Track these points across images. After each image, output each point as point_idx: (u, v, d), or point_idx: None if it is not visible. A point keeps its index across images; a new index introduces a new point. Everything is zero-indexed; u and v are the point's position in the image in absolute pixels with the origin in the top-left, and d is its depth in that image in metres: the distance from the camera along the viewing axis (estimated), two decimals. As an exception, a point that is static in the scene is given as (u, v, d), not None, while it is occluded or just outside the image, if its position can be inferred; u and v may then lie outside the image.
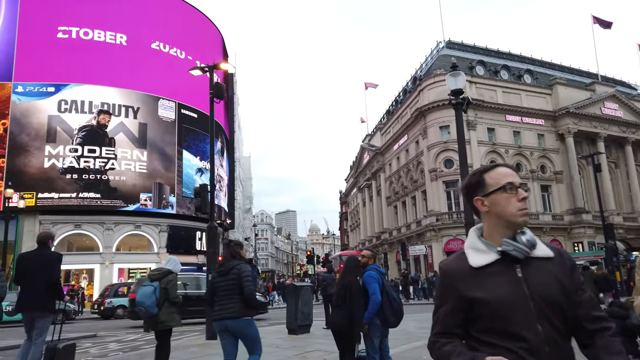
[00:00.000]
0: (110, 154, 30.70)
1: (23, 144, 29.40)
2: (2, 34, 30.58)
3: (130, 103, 32.08)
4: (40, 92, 30.17)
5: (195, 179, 34.61)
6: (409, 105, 42.56)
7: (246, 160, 69.84)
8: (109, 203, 30.29)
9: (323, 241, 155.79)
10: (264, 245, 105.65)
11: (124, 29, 32.95)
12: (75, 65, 30.98)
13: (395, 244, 44.57)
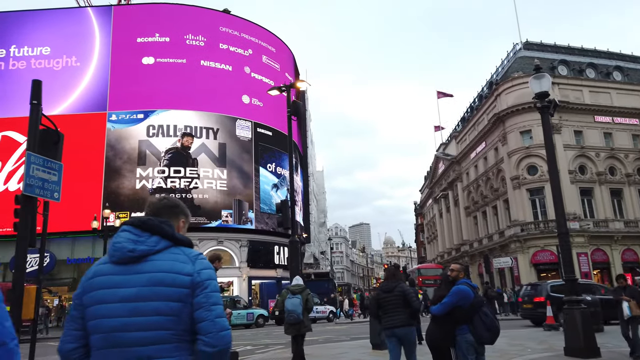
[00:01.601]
0: (193, 173, 32.46)
1: (117, 168, 31.97)
2: (97, 69, 33.66)
3: (210, 125, 33.82)
4: (131, 119, 32.72)
5: (271, 195, 35.60)
6: (486, 111, 40.93)
7: (319, 174, 70.71)
8: (193, 220, 31.89)
9: (399, 254, 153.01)
10: (339, 258, 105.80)
11: (201, 54, 34.95)
12: (160, 93, 33.31)
13: (476, 256, 42.67)
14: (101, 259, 1.90)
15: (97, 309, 1.76)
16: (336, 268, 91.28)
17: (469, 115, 49.44)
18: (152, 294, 1.73)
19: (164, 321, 1.72)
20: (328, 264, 63.77)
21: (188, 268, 1.79)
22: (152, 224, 1.85)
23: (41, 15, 35.05)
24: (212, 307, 1.75)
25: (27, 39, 34.21)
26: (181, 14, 35.64)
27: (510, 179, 35.62)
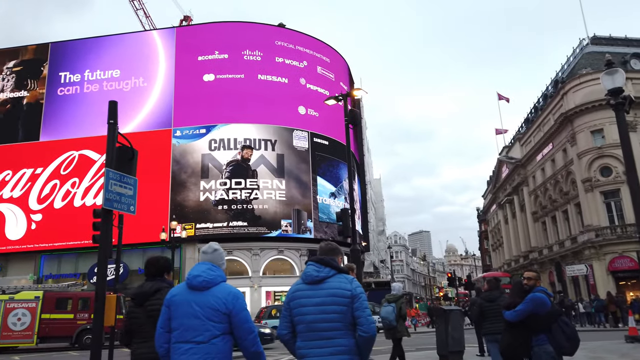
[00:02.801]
0: (253, 184, 33.31)
1: (182, 181, 33.44)
2: (162, 88, 35.53)
3: (268, 136, 34.62)
4: (194, 134, 34.19)
5: (329, 204, 35.76)
6: (551, 111, 38.96)
7: (377, 182, 70.18)
8: (254, 230, 32.71)
9: (462, 262, 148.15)
10: (400, 267, 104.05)
11: (258, 69, 35.96)
12: (220, 108, 34.60)
13: (547, 263, 40.46)
14: (297, 281, 3.30)
15: (299, 310, 3.13)
16: (397, 277, 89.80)
17: (533, 116, 47.27)
18: (330, 302, 3.06)
19: (337, 317, 3.04)
20: (388, 273, 62.92)
21: (348, 286, 3.11)
22: (326, 261, 3.23)
23: (111, 41, 37.59)
24: (365, 310, 3.05)
25: (99, 64, 36.78)
26: (239, 31, 36.93)
27: (581, 181, 33.57)
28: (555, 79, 43.11)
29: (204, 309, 3.07)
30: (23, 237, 33.55)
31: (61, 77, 36.90)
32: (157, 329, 3.20)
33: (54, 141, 35.26)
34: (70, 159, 34.62)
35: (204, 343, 3.01)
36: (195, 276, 3.18)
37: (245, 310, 3.20)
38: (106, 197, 5.99)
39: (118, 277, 12.55)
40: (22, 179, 34.66)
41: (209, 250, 3.40)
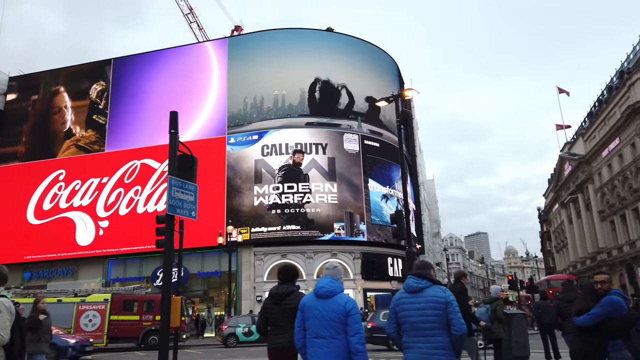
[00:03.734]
0: (305, 188, 33.62)
1: (237, 187, 34.31)
2: (216, 96, 36.69)
3: (319, 140, 34.85)
4: (247, 140, 35.02)
5: (382, 206, 35.44)
6: (617, 103, 36.66)
7: (430, 183, 68.80)
8: (307, 233, 32.98)
9: (522, 264, 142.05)
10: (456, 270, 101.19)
11: (313, 72, 36.33)
12: (272, 114, 35.28)
13: (616, 265, 38.02)
14: (400, 290, 4.16)
15: (403, 314, 3.99)
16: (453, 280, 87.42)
17: (596, 109, 44.68)
18: (429, 307, 3.87)
19: (435, 319, 3.84)
20: (445, 276, 61.42)
21: (443, 295, 3.90)
22: (423, 274, 4.05)
23: (168, 54, 39.27)
24: (456, 313, 3.84)
25: (157, 76, 38.52)
26: (288, 37, 37.53)
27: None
28: (620, 70, 40.56)
29: (328, 312, 4.04)
30: (92, 243, 35.64)
31: (122, 91, 38.98)
32: (295, 327, 4.27)
33: (117, 152, 37.28)
34: (132, 168, 36.45)
35: (330, 338, 3.98)
36: (320, 287, 4.21)
37: (357, 314, 4.08)
38: (169, 203, 6.26)
39: (180, 280, 13.04)
40: (90, 188, 36.86)
41: (330, 267, 4.41)
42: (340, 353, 3.94)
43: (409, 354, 3.92)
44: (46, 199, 37.44)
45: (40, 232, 36.55)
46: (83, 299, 22.43)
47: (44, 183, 37.80)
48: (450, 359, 3.86)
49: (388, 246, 35.04)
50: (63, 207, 36.87)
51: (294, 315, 4.36)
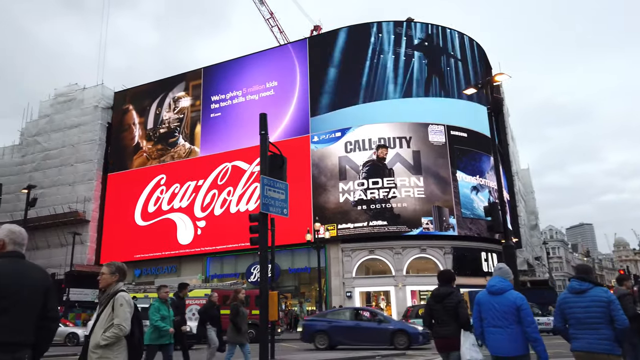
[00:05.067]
0: (390, 183, 33.22)
1: (322, 184, 34.81)
2: (299, 97, 37.50)
3: (403, 134, 34.23)
4: (331, 138, 35.37)
5: (472, 199, 33.99)
6: None
7: (525, 172, 64.68)
8: (394, 229, 32.57)
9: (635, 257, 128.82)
10: (558, 264, 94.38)
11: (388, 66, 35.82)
12: (354, 110, 35.30)
13: None
14: (564, 291, 4.96)
15: (570, 311, 4.83)
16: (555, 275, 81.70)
17: None
18: (593, 305, 4.65)
19: (599, 315, 4.60)
20: (545, 271, 57.53)
21: (605, 295, 4.66)
22: (586, 278, 4.85)
23: (252, 59, 40.86)
24: (618, 310, 4.58)
25: (243, 81, 40.25)
26: (367, 31, 37.33)
27: None
28: None
29: (501, 306, 4.90)
30: (191, 242, 38.20)
31: (213, 97, 41.27)
32: (473, 319, 5.23)
33: (210, 155, 39.56)
34: (224, 170, 38.48)
35: (505, 327, 4.85)
36: (492, 285, 5.08)
37: (528, 308, 4.86)
38: (262, 201, 6.49)
39: (274, 276, 13.49)
40: (188, 190, 39.52)
41: (497, 268, 5.27)
42: (514, 338, 4.82)
43: (577, 343, 4.81)
44: (150, 202, 40.77)
45: (147, 233, 39.90)
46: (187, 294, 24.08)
47: (148, 187, 41.19)
48: (614, 348, 4.62)
49: (481, 240, 33.54)
50: (165, 209, 39.90)
51: (454, 312, 5.64)
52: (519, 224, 44.24)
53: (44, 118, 46.59)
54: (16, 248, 3.47)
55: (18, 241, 3.49)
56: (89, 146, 43.35)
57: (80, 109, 44.94)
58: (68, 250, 36.77)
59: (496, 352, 4.92)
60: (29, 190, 25.39)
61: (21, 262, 3.43)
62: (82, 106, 45.02)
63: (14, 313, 3.19)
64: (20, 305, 3.22)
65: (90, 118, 44.35)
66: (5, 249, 3.43)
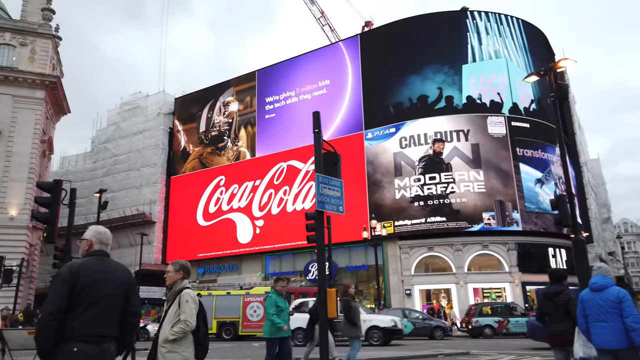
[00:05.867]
0: (448, 178, 32.33)
1: (377, 181, 34.49)
2: (352, 94, 37.36)
3: (460, 127, 33.20)
4: (385, 134, 34.96)
5: (537, 192, 32.42)
6: None
7: (594, 162, 60.79)
8: (454, 225, 31.68)
9: None
10: (635, 260, 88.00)
11: (448, 57, 34.86)
12: (408, 105, 34.69)
13: None
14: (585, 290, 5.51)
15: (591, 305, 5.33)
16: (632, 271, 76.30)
17: None
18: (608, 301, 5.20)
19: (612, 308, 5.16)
20: (620, 267, 53.86)
21: (615, 293, 5.20)
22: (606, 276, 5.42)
23: (304, 59, 41.17)
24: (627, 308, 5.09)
25: (296, 81, 40.67)
26: (421, 24, 36.57)
27: None
28: None
29: (605, 302, 5.22)
30: (251, 241, 39.14)
31: (267, 99, 42.02)
32: (578, 315, 5.54)
33: (266, 156, 40.33)
34: (280, 170, 39.09)
35: (609, 322, 5.15)
36: (594, 282, 5.41)
37: (630, 300, 5.13)
38: (318, 199, 6.49)
39: (331, 274, 13.52)
40: (246, 190, 40.52)
41: (596, 267, 5.62)
42: (619, 332, 5.09)
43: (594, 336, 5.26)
44: (211, 202, 42.21)
45: (208, 233, 41.33)
46: (247, 292, 24.69)
47: (208, 189, 42.66)
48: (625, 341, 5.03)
49: (548, 235, 31.92)
50: (225, 210, 41.14)
51: (564, 309, 6.07)
52: (589, 217, 41.70)
53: (112, 126, 49.45)
54: (102, 247, 3.71)
55: (103, 241, 3.74)
56: (153, 151, 45.52)
57: (144, 116, 47.29)
58: (137, 250, 38.81)
59: (602, 345, 5.18)
60: (100, 194, 27.00)
61: (106, 261, 3.68)
62: (145, 113, 47.36)
63: (100, 308, 3.44)
64: (105, 300, 3.47)
65: (153, 124, 46.55)
66: (92, 248, 3.68)
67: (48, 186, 11.05)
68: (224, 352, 15.90)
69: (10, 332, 11.78)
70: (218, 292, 25.65)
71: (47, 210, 10.66)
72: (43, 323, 3.35)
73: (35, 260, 37.60)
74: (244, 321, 23.64)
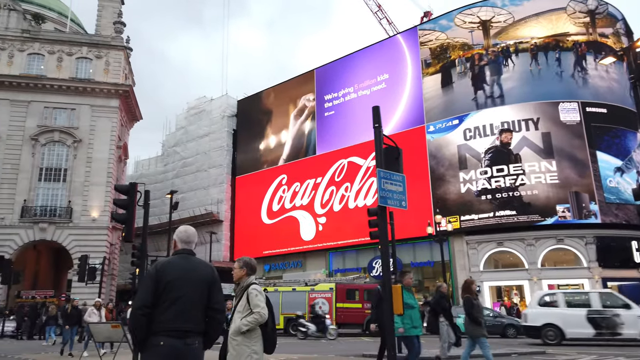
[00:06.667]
0: (518, 170, 30.84)
1: (441, 175, 33.60)
2: (411, 87, 36.63)
3: (529, 115, 31.55)
4: (447, 126, 33.96)
5: (617, 182, 30.14)
6: None
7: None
8: (525, 218, 30.20)
9: None
10: None
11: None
12: (471, 95, 33.48)
13: None
14: None
15: None
16: None
17: None
18: None
19: None
20: None
21: None
22: None
23: (362, 54, 40.88)
24: None
25: (354, 78, 40.51)
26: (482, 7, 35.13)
27: None
28: None
29: None
30: (314, 238, 39.56)
31: (326, 97, 42.21)
32: None
33: (327, 153, 40.54)
34: (341, 167, 39.16)
35: None
36: None
37: None
38: (380, 194, 6.42)
39: (396, 270, 13.36)
40: (308, 188, 41.00)
41: None
42: None
43: None
44: (274, 200, 43.12)
45: (273, 230, 42.27)
46: (312, 288, 25.01)
47: (271, 187, 43.62)
48: None
49: (631, 228, 29.61)
50: (288, 207, 41.88)
51: None
52: (679, 208, 38.11)
53: (180, 130, 51.92)
54: (184, 246, 3.91)
55: (185, 239, 3.93)
56: (219, 152, 47.23)
57: (209, 119, 49.18)
58: (206, 248, 40.51)
59: None
60: (171, 195, 28.47)
61: (190, 259, 3.87)
62: (210, 116, 49.24)
63: (182, 304, 3.64)
64: (188, 296, 3.67)
65: (218, 127, 48.28)
66: (177, 247, 3.92)
67: (124, 189, 11.78)
68: (291, 347, 16.19)
69: (96, 326, 12.69)
70: (284, 287, 26.19)
71: (124, 212, 11.37)
72: (133, 317, 3.65)
73: (115, 258, 40.37)
74: (309, 317, 23.93)
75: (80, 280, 29.16)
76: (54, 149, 36.44)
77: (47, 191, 35.61)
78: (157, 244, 43.97)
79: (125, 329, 11.52)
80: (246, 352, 4.50)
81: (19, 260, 34.15)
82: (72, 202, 35.34)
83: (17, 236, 33.93)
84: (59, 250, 37.41)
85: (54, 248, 37.82)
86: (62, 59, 37.86)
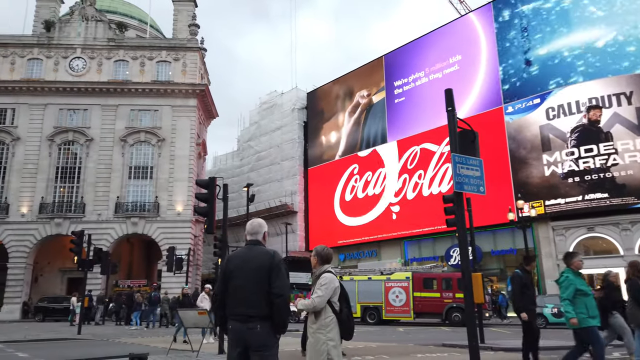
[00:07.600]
0: (609, 149, 28.38)
1: (522, 158, 31.76)
2: (487, 67, 34.84)
3: (620, 89, 28.84)
4: (528, 106, 31.96)
5: None
6: None
7: None
8: (619, 201, 27.79)
9: None
10: None
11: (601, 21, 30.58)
12: (552, 72, 31.20)
13: None
14: None
15: None
16: None
17: None
18: None
19: None
20: None
21: None
22: None
23: (432, 37, 39.53)
24: None
25: (424, 62, 39.29)
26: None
27: None
28: None
29: None
30: (388, 227, 39.17)
31: (395, 83, 41.41)
32: None
33: (398, 140, 39.85)
34: (413, 154, 38.32)
35: None
36: None
37: None
38: (455, 180, 6.19)
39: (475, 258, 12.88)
40: (380, 177, 40.62)
41: None
42: None
43: None
44: (347, 190, 43.23)
45: (346, 220, 42.43)
46: (388, 277, 24.86)
47: (343, 178, 43.75)
48: None
49: None
50: (360, 197, 41.80)
51: None
52: None
53: (254, 125, 53.59)
54: (250, 237, 4.26)
55: (250, 231, 4.27)
56: (290, 145, 48.15)
57: (280, 113, 50.23)
58: (282, 238, 41.61)
59: None
60: (248, 188, 29.50)
61: (252, 249, 4.16)
62: (281, 110, 50.27)
63: (242, 291, 3.96)
64: (249, 283, 3.96)
65: (289, 120, 49.20)
66: (246, 238, 4.32)
67: (204, 183, 12.39)
68: (369, 335, 16.23)
69: (185, 312, 13.51)
70: (359, 277, 26.26)
71: (205, 205, 11.96)
72: (213, 303, 4.31)
73: (199, 249, 42.73)
74: (387, 306, 23.86)
75: (168, 270, 31.23)
76: (141, 148, 39.12)
77: (136, 188, 38.39)
78: (237, 235, 45.88)
79: (211, 315, 12.16)
80: (322, 340, 4.61)
81: (115, 252, 37.25)
82: (158, 198, 37.82)
83: (113, 230, 36.95)
84: (150, 243, 40.31)
85: (145, 240, 40.81)
86: (144, 64, 40.41)
